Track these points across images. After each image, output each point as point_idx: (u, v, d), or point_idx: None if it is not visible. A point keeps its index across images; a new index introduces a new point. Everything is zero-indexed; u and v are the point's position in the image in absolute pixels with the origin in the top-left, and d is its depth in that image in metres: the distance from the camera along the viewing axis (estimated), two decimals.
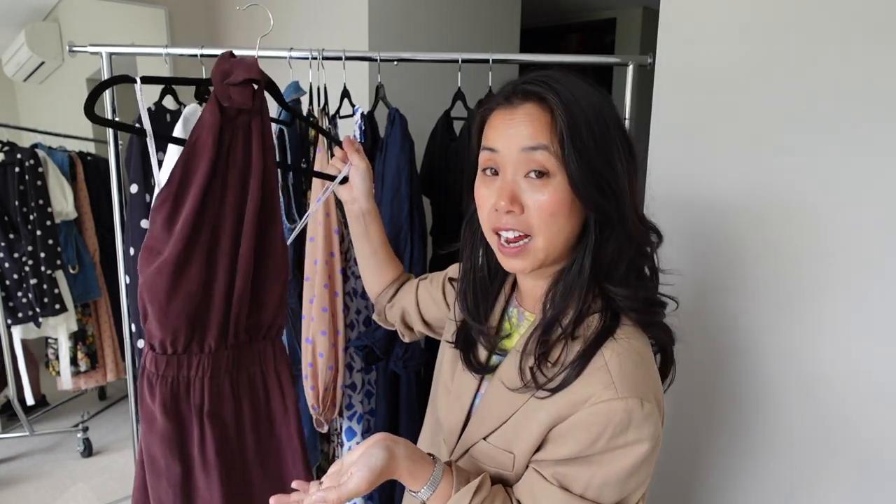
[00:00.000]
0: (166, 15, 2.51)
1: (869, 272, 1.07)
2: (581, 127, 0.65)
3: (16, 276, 2.35)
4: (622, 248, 0.68)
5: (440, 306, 0.98)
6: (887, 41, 1.01)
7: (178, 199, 0.84)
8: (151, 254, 0.85)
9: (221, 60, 0.86)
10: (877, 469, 1.10)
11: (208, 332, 0.91)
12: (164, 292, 0.84)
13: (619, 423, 0.63)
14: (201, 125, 0.85)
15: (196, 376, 0.91)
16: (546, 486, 0.67)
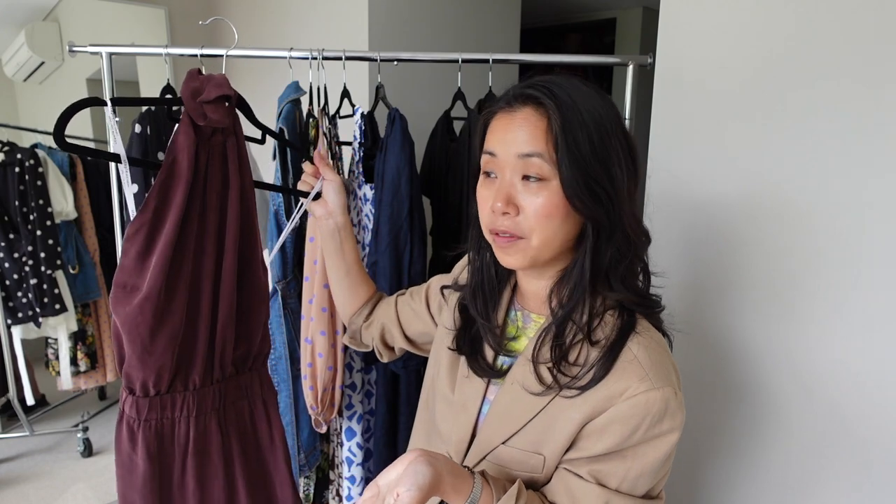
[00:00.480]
0: (166, 15, 2.51)
1: (866, 273, 1.07)
2: (577, 133, 0.65)
3: (16, 276, 2.35)
4: (621, 251, 0.69)
5: (424, 319, 0.98)
6: (888, 41, 1.01)
7: (153, 229, 0.78)
8: (126, 291, 0.78)
9: (189, 78, 0.80)
10: (876, 469, 1.10)
11: (193, 369, 0.85)
12: (146, 331, 0.78)
13: (658, 412, 0.65)
14: (176, 147, 0.79)
15: (181, 416, 0.84)
16: (584, 485, 0.67)
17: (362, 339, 1.08)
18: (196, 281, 0.82)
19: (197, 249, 0.81)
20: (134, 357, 0.79)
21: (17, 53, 2.43)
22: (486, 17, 2.35)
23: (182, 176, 0.78)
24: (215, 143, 0.82)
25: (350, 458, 1.44)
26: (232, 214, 0.85)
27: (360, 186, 1.39)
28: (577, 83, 0.69)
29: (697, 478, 1.36)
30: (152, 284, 0.77)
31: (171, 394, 0.83)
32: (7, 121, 2.44)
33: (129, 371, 0.81)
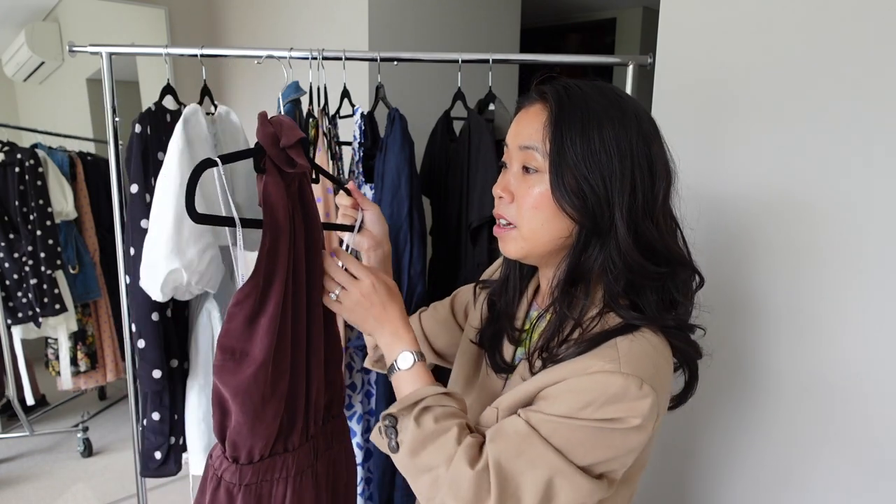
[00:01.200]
0: (166, 15, 2.51)
1: (867, 272, 1.07)
2: (575, 132, 0.66)
3: (16, 276, 2.35)
4: (613, 260, 0.68)
5: (450, 328, 0.98)
6: (887, 39, 1.01)
7: (264, 293, 0.72)
8: (234, 357, 0.72)
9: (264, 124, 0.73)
10: (872, 465, 1.10)
11: (294, 430, 0.81)
12: (259, 398, 0.73)
13: (614, 395, 0.62)
14: (272, 204, 0.72)
15: (280, 477, 0.81)
16: (514, 419, 0.67)
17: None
18: (296, 339, 0.78)
19: (294, 306, 0.76)
20: (245, 426, 0.76)
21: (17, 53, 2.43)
22: (486, 17, 2.35)
23: (284, 232, 0.73)
24: (293, 191, 0.77)
25: None
26: (316, 260, 0.80)
27: (360, 186, 1.39)
28: (605, 90, 0.70)
29: (689, 461, 1.36)
30: (265, 350, 0.72)
31: (272, 457, 0.80)
32: (7, 121, 2.44)
33: (235, 440, 0.77)
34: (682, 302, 0.73)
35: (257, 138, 0.72)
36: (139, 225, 1.29)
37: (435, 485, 0.67)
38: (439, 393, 0.70)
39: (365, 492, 1.46)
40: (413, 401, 0.69)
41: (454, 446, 0.66)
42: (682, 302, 0.73)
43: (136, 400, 1.51)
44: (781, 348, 1.19)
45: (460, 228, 1.42)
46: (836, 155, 1.09)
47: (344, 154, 1.45)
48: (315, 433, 0.85)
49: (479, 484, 0.64)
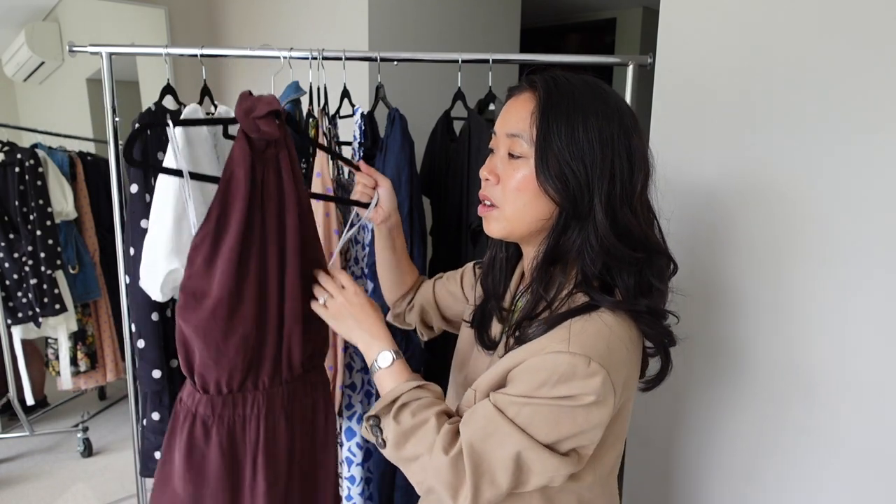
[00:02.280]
0: (166, 15, 2.51)
1: (860, 271, 1.07)
2: (559, 120, 0.70)
3: (16, 276, 2.35)
4: (591, 243, 0.72)
5: (458, 300, 1.03)
6: (883, 42, 1.01)
7: (217, 237, 0.83)
8: (196, 297, 0.83)
9: (242, 99, 0.86)
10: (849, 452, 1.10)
11: (262, 369, 0.90)
12: (220, 333, 0.83)
13: (564, 374, 0.66)
14: (233, 161, 0.84)
15: (252, 414, 0.90)
16: (484, 403, 0.72)
17: (405, 320, 1.14)
18: (262, 286, 0.87)
19: (260, 256, 0.87)
20: (209, 358, 0.85)
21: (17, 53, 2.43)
22: (486, 17, 2.35)
23: (240, 187, 0.84)
24: (269, 156, 0.88)
25: (350, 458, 1.44)
26: (291, 222, 0.89)
27: None
28: (591, 83, 0.74)
29: (672, 455, 1.36)
30: (222, 289, 0.82)
31: (241, 392, 0.89)
32: (7, 121, 2.44)
33: (202, 371, 0.87)
34: (658, 287, 0.76)
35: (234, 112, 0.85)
36: (139, 225, 1.29)
37: (423, 471, 0.72)
38: (414, 387, 0.76)
39: (365, 492, 1.45)
40: (390, 400, 0.75)
41: (433, 435, 0.72)
42: (658, 287, 0.76)
43: (136, 400, 1.51)
44: (760, 337, 1.19)
45: (460, 228, 1.42)
46: (837, 154, 1.09)
47: (344, 154, 1.45)
48: (290, 379, 0.93)
49: (457, 466, 0.69)
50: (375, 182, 1.05)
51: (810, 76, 1.10)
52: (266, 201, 0.87)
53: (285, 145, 0.89)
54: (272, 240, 0.88)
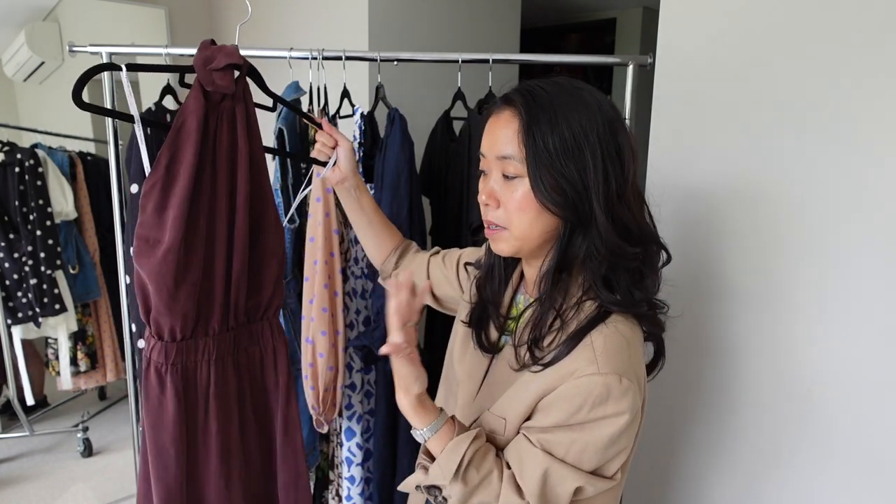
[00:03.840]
0: (166, 15, 2.51)
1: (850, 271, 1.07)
2: (546, 133, 0.70)
3: (16, 276, 2.35)
4: (597, 248, 0.73)
5: (453, 286, 1.04)
6: (883, 41, 1.01)
7: (167, 184, 0.84)
8: (148, 244, 0.85)
9: (202, 48, 0.86)
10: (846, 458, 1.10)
11: (212, 316, 0.93)
12: (171, 280, 0.85)
13: (599, 396, 0.69)
14: (186, 110, 0.85)
15: (202, 360, 0.93)
16: (531, 449, 0.74)
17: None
18: (211, 236, 0.90)
19: (210, 207, 0.89)
20: (161, 305, 0.87)
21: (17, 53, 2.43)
22: (486, 17, 2.35)
23: (191, 136, 0.84)
24: (224, 108, 0.88)
25: (350, 458, 1.44)
26: (242, 176, 0.91)
27: None
28: (565, 85, 0.74)
29: (674, 462, 1.36)
30: (173, 236, 0.84)
31: (194, 339, 0.92)
32: (7, 121, 2.44)
33: (157, 318, 0.89)
34: (649, 276, 0.78)
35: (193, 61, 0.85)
36: None
37: None
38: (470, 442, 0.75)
39: (365, 492, 1.46)
40: (454, 466, 0.74)
41: (497, 484, 0.75)
42: (649, 276, 0.78)
43: (136, 400, 1.51)
44: (764, 344, 1.19)
45: (460, 228, 1.42)
46: (837, 154, 1.09)
47: None
48: (235, 326, 0.97)
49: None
50: (335, 142, 1.08)
51: (811, 76, 1.10)
52: (218, 154, 0.88)
53: (243, 99, 0.90)
54: (223, 191, 0.89)
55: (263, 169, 0.95)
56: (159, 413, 0.91)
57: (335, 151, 1.08)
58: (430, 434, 0.77)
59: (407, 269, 1.11)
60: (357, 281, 1.40)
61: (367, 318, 1.42)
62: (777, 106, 1.15)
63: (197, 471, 0.96)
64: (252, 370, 1.00)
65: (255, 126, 0.93)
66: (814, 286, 1.14)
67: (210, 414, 0.94)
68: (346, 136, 1.11)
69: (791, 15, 1.11)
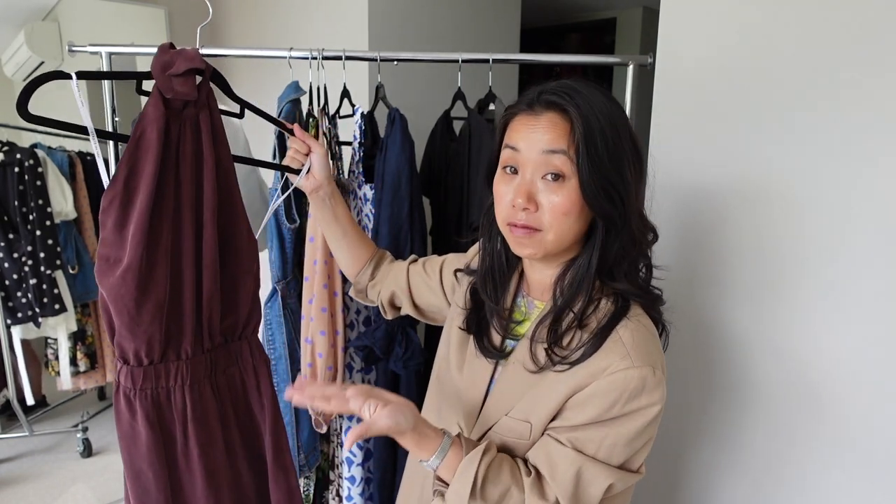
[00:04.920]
0: (166, 15, 2.51)
1: (854, 266, 1.07)
2: (596, 138, 0.70)
3: (15, 276, 2.35)
4: (626, 247, 0.75)
5: (436, 294, 1.02)
6: (883, 41, 1.01)
7: (126, 200, 0.79)
8: (109, 263, 0.80)
9: (161, 52, 0.82)
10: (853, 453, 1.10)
11: (183, 338, 0.87)
12: (132, 301, 0.80)
13: (634, 389, 0.70)
14: (144, 120, 0.80)
15: (175, 385, 0.87)
16: (561, 449, 0.73)
17: (368, 296, 1.13)
18: (176, 253, 0.84)
19: (175, 221, 0.83)
20: (123, 327, 0.81)
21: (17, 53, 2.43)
22: (486, 17, 2.35)
23: (150, 147, 0.79)
24: (187, 116, 0.83)
25: (350, 458, 1.44)
26: (208, 187, 0.85)
27: (360, 186, 1.39)
28: (592, 89, 0.74)
29: (682, 462, 1.36)
30: (133, 254, 0.78)
31: (164, 363, 0.86)
32: (7, 121, 2.44)
33: (120, 341, 0.83)
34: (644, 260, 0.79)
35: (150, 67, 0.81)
36: None
37: None
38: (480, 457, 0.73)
39: (365, 492, 1.45)
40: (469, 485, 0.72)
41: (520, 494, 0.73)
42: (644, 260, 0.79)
43: None
44: (770, 339, 1.19)
45: (460, 228, 1.42)
46: (837, 155, 1.09)
47: (344, 154, 1.45)
48: (211, 348, 0.91)
49: None
50: (308, 148, 1.04)
51: (811, 75, 1.10)
52: (181, 165, 0.83)
53: (207, 105, 0.85)
54: (187, 204, 0.84)
55: (232, 179, 0.90)
56: (132, 437, 0.86)
57: (308, 158, 1.04)
58: (437, 462, 0.74)
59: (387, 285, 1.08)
60: None
61: (367, 318, 1.42)
62: (777, 105, 1.15)
63: (183, 495, 0.91)
64: (234, 392, 0.95)
65: (222, 133, 0.89)
66: (818, 287, 1.14)
67: (190, 439, 0.89)
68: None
69: (791, 14, 1.11)
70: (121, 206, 0.79)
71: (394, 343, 1.31)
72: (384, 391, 0.75)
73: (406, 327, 1.32)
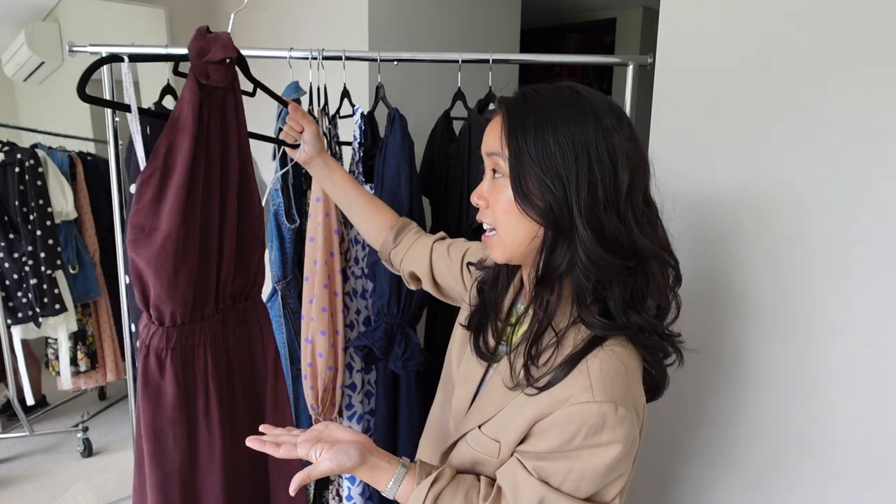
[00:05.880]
0: (166, 15, 2.51)
1: (864, 279, 1.07)
2: (527, 136, 0.69)
3: (16, 276, 2.35)
4: (579, 258, 0.69)
5: (457, 280, 1.02)
6: (885, 41, 1.01)
7: (165, 174, 0.86)
8: (143, 231, 0.86)
9: (198, 37, 0.87)
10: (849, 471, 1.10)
11: (207, 301, 0.95)
12: (171, 267, 0.87)
13: (594, 424, 0.67)
14: (183, 101, 0.87)
15: (199, 343, 0.95)
16: (527, 477, 0.72)
17: (393, 265, 1.14)
18: (206, 223, 0.92)
19: (204, 194, 0.91)
20: (162, 291, 0.88)
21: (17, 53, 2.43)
22: (486, 17, 2.35)
23: (187, 127, 0.86)
24: (215, 98, 0.91)
25: None
26: (232, 162, 0.94)
27: None
28: (563, 91, 0.72)
29: (677, 476, 1.36)
30: (172, 224, 0.86)
31: (191, 323, 0.94)
32: (7, 121, 2.44)
33: (157, 305, 0.90)
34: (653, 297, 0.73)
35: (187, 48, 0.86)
36: None
37: None
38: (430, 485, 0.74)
39: (365, 492, 1.46)
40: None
41: None
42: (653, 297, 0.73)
43: (135, 400, 1.51)
44: (768, 345, 1.19)
45: (460, 228, 1.42)
46: (837, 155, 1.09)
47: (344, 154, 1.45)
48: (224, 308, 1.00)
49: None
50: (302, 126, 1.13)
51: (812, 75, 1.10)
52: (211, 142, 0.91)
53: (232, 89, 0.93)
54: (215, 178, 0.92)
55: (249, 155, 1.00)
56: (157, 397, 0.92)
57: (302, 135, 1.13)
58: (394, 491, 0.75)
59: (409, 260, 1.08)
60: (357, 281, 1.40)
61: (367, 318, 1.42)
62: (778, 105, 1.15)
63: (199, 453, 0.96)
64: (240, 350, 1.02)
65: (242, 114, 0.97)
66: (819, 288, 1.14)
67: (211, 398, 0.96)
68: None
69: (791, 14, 1.11)
70: (160, 179, 0.86)
71: (393, 343, 1.31)
72: (338, 429, 0.77)
73: (406, 327, 1.32)
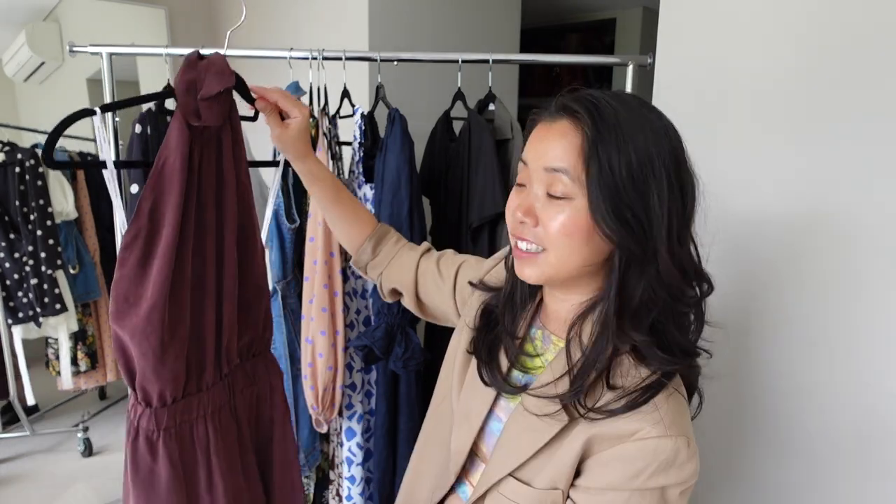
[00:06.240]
0: (166, 15, 2.51)
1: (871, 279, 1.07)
2: (612, 154, 0.62)
3: (16, 276, 2.35)
4: (654, 289, 0.65)
5: (445, 298, 0.94)
6: (886, 42, 1.01)
7: (151, 235, 0.73)
8: (128, 302, 0.73)
9: (187, 67, 0.74)
10: None
11: (205, 370, 0.82)
12: (157, 341, 0.74)
13: (665, 461, 0.62)
14: (168, 148, 0.74)
15: (198, 417, 0.82)
16: None
17: (367, 274, 1.05)
18: (199, 281, 0.79)
19: (197, 248, 0.78)
20: (148, 369, 0.75)
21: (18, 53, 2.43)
22: (486, 17, 2.35)
23: (175, 177, 0.74)
24: (209, 135, 0.78)
25: (350, 458, 1.44)
26: (229, 208, 0.81)
27: (360, 186, 1.39)
28: (632, 103, 0.67)
29: None
30: (157, 292, 0.72)
31: (185, 398, 0.80)
32: (7, 121, 2.44)
33: (143, 384, 0.77)
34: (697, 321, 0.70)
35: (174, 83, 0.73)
36: None
37: None
38: None
39: (365, 492, 1.46)
40: None
41: None
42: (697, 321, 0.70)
43: None
44: (761, 352, 1.19)
45: (460, 228, 1.42)
46: (836, 155, 1.09)
47: (344, 154, 1.45)
48: (229, 371, 0.86)
49: None
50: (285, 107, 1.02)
51: (812, 75, 1.10)
52: (204, 188, 0.78)
53: (229, 120, 0.80)
54: (210, 229, 0.79)
55: (250, 196, 0.86)
56: (150, 481, 0.79)
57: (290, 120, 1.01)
58: None
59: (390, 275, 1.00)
60: (357, 281, 1.40)
61: (367, 318, 1.42)
62: (778, 105, 1.15)
63: None
64: (249, 411, 0.91)
65: (242, 150, 0.84)
66: (819, 289, 1.14)
67: (214, 472, 0.83)
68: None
69: (792, 14, 1.11)
70: (146, 240, 0.73)
71: (393, 343, 1.31)
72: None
73: (406, 327, 1.32)
